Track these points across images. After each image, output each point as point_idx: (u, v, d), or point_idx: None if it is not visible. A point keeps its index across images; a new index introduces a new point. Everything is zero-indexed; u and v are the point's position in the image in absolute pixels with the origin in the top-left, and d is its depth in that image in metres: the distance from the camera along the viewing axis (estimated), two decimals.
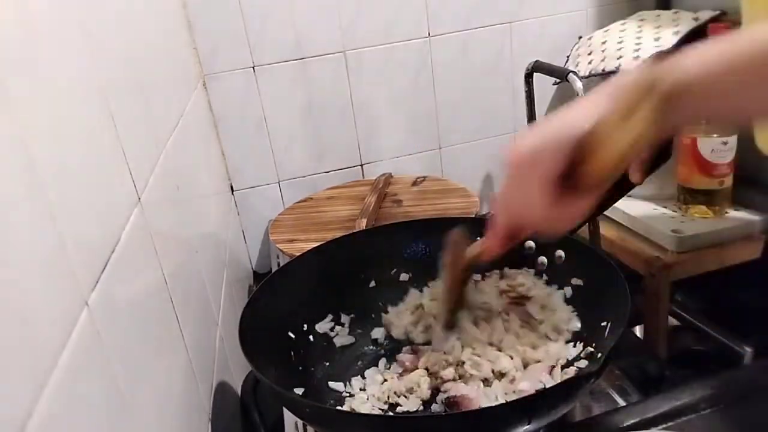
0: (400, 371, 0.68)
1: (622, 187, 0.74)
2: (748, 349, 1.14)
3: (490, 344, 0.67)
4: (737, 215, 1.13)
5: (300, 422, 0.69)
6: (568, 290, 0.70)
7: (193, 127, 0.97)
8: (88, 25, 0.49)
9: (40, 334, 0.31)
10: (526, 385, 0.62)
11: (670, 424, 0.54)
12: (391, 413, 0.63)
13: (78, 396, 0.34)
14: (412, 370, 0.66)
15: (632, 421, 0.55)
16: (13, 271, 0.30)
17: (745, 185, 1.14)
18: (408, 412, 0.63)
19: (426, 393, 0.64)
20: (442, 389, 0.63)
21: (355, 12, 1.23)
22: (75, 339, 0.35)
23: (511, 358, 0.64)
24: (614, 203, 0.77)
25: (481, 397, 0.61)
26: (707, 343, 1.28)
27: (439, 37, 1.30)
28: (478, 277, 0.75)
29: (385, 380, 0.67)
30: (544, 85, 1.32)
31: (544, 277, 0.72)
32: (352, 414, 0.60)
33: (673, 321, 1.29)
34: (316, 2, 1.21)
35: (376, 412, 0.63)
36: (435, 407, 0.63)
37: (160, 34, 0.87)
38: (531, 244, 0.74)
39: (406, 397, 0.64)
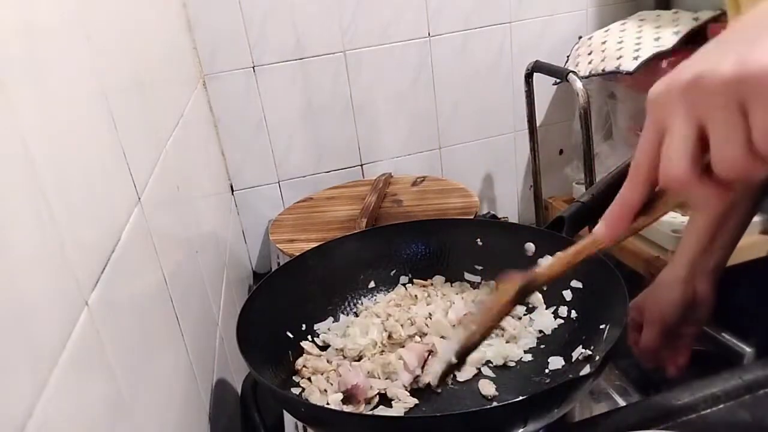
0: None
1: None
2: (748, 349, 1.14)
3: None
4: None
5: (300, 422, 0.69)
6: (567, 293, 0.70)
7: (193, 127, 0.97)
8: (88, 26, 0.49)
9: (40, 334, 0.31)
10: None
11: (670, 424, 0.54)
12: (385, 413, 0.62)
13: (78, 396, 0.34)
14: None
15: (632, 421, 0.55)
16: (13, 271, 0.30)
17: None
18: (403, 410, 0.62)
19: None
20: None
21: (355, 12, 1.23)
22: (75, 339, 0.35)
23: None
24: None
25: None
26: (707, 343, 1.28)
27: (439, 37, 1.30)
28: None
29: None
30: (544, 85, 1.32)
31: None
32: (347, 414, 0.60)
33: None
34: (316, 2, 1.21)
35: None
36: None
37: (160, 34, 0.87)
38: (531, 246, 0.73)
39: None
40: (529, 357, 0.66)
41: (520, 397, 0.60)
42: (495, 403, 0.60)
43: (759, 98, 0.32)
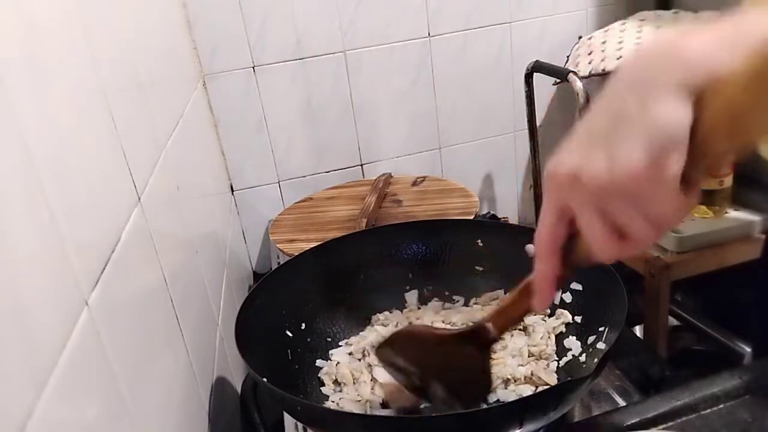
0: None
1: None
2: (748, 349, 1.14)
3: None
4: (737, 215, 1.13)
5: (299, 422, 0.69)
6: (567, 295, 0.70)
7: (193, 127, 0.97)
8: (88, 25, 0.49)
9: (40, 334, 0.31)
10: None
11: (670, 424, 0.54)
12: (383, 412, 0.62)
13: (78, 396, 0.34)
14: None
15: (632, 421, 0.55)
16: (13, 272, 0.30)
17: (745, 185, 1.14)
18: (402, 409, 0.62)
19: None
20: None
21: (355, 12, 1.23)
22: (75, 339, 0.35)
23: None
24: None
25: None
26: (707, 343, 1.28)
27: (439, 37, 1.30)
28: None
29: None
30: (544, 85, 1.32)
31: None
32: (346, 413, 0.60)
33: (673, 321, 1.29)
34: (316, 2, 1.21)
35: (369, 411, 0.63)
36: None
37: (160, 34, 0.87)
38: (531, 248, 0.73)
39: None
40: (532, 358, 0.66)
41: (517, 398, 0.60)
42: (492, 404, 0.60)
43: (615, 203, 0.37)
